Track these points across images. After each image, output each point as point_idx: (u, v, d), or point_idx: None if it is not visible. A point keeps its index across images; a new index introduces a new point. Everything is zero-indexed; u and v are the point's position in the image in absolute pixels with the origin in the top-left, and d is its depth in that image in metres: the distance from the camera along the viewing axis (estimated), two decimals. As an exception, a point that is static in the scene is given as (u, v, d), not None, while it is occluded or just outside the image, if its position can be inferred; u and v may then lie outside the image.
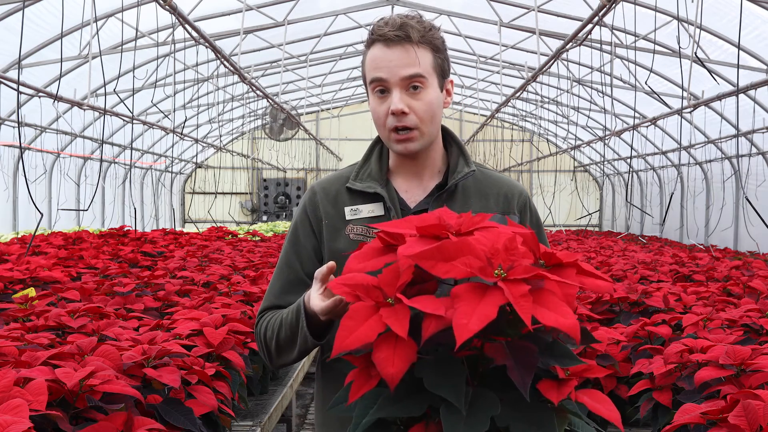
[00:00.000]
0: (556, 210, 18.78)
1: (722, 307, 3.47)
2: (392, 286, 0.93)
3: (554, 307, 0.87)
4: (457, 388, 0.89)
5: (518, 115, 17.55)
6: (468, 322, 0.84)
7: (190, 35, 7.36)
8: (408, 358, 0.89)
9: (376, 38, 1.50)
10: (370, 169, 1.60)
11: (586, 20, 6.99)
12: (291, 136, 15.35)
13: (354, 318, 0.92)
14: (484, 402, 0.90)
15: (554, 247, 1.31)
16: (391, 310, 0.91)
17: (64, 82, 7.74)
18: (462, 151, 1.61)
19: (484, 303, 0.86)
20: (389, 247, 1.01)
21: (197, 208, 19.14)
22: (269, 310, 1.60)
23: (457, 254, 0.90)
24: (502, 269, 0.89)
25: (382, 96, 1.51)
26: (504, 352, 0.90)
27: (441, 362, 0.92)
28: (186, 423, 1.98)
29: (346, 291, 0.96)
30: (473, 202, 1.56)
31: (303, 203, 1.63)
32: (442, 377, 0.90)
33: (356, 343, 0.90)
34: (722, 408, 1.77)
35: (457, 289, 0.88)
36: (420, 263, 0.90)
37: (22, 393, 1.60)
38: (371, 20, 12.05)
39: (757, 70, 8.25)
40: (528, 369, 0.88)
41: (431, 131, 1.54)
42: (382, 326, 0.90)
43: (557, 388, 0.93)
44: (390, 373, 0.88)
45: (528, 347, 0.90)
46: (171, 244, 7.40)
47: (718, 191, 12.44)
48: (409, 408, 0.92)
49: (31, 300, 3.15)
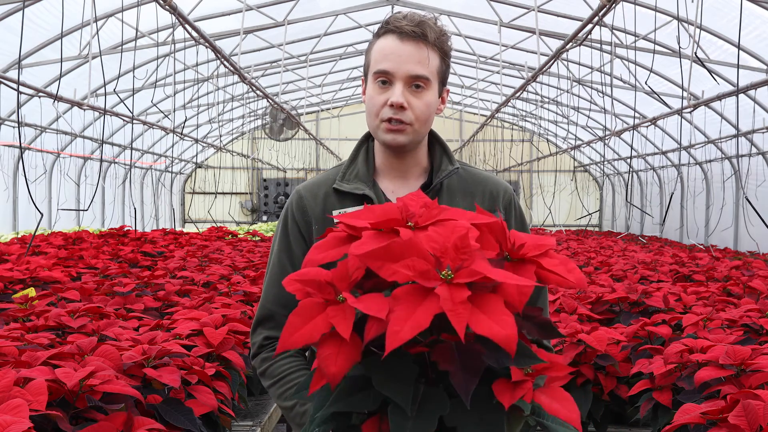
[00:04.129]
0: (556, 210, 18.77)
1: (722, 307, 3.47)
2: (344, 282, 0.90)
3: (494, 314, 0.83)
4: (405, 388, 0.87)
5: (518, 115, 17.55)
6: (400, 329, 0.81)
7: (190, 35, 7.36)
8: (352, 358, 0.87)
9: (392, 29, 1.49)
10: (357, 169, 1.58)
11: (586, 20, 6.99)
12: (291, 136, 15.35)
13: (301, 315, 0.90)
14: (434, 402, 0.89)
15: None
16: (337, 308, 0.88)
17: (64, 82, 7.73)
18: (445, 149, 1.62)
19: (421, 311, 0.82)
20: (351, 237, 0.97)
21: (197, 208, 19.14)
22: (267, 321, 1.57)
23: (405, 255, 0.86)
24: (450, 270, 0.85)
25: (383, 86, 1.51)
26: (450, 355, 0.87)
27: (392, 360, 0.88)
28: (186, 423, 1.98)
29: (298, 288, 0.93)
30: (458, 201, 1.56)
31: (289, 208, 1.60)
32: (391, 376, 0.88)
33: (301, 341, 0.89)
34: (722, 408, 1.77)
35: (398, 292, 0.84)
36: (368, 263, 0.87)
37: (22, 393, 1.60)
38: (371, 20, 12.08)
39: (757, 70, 8.25)
40: (473, 374, 0.85)
41: (422, 132, 1.54)
42: (327, 325, 0.88)
43: (511, 391, 0.90)
44: (332, 372, 0.87)
45: (476, 350, 0.87)
46: (171, 244, 7.40)
47: (718, 191, 12.44)
48: (363, 403, 0.91)
49: (31, 300, 3.15)
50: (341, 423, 0.95)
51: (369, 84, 1.53)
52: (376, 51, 1.51)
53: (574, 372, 2.70)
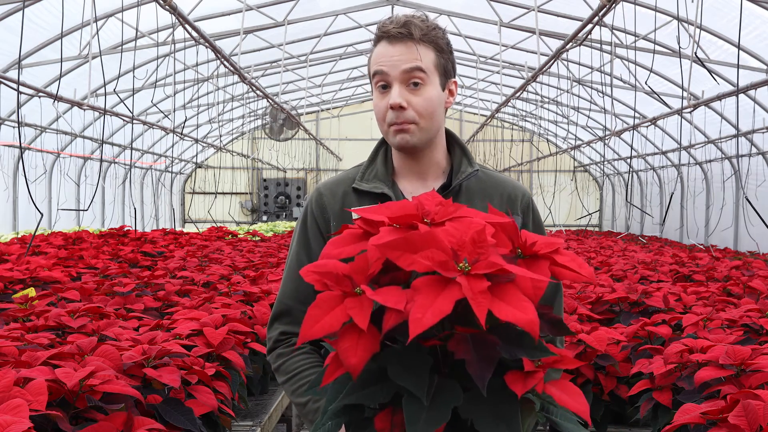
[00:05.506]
0: (556, 210, 18.78)
1: (722, 307, 3.47)
2: (362, 275, 0.92)
3: (514, 301, 0.86)
4: (420, 379, 0.89)
5: (518, 115, 17.55)
6: (422, 316, 0.84)
7: (190, 35, 7.36)
8: (370, 348, 0.89)
9: (381, 35, 1.53)
10: (376, 170, 1.61)
11: (586, 20, 6.99)
12: (291, 136, 15.35)
13: (320, 307, 0.92)
14: (448, 393, 0.90)
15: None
16: (355, 300, 0.90)
17: (64, 82, 7.74)
18: (465, 151, 1.63)
19: (442, 298, 0.85)
20: (367, 234, 0.99)
21: (197, 208, 19.14)
22: (284, 316, 1.59)
23: (424, 246, 0.89)
24: (467, 263, 0.88)
25: (383, 91, 1.53)
26: (465, 345, 0.89)
27: (407, 352, 0.91)
28: (186, 423, 1.98)
29: (315, 279, 0.95)
30: (477, 203, 1.57)
31: (309, 205, 1.62)
32: (407, 367, 0.90)
33: (321, 332, 0.91)
34: (722, 408, 1.77)
35: (418, 282, 0.87)
36: (386, 254, 0.89)
37: (22, 393, 1.60)
38: (371, 20, 12.08)
39: (757, 70, 8.25)
40: (488, 363, 0.87)
41: (430, 127, 1.55)
42: (346, 316, 0.90)
43: (523, 380, 0.92)
44: (352, 364, 0.89)
45: (490, 341, 0.89)
46: (171, 244, 7.40)
47: (718, 191, 12.45)
48: (376, 395, 0.93)
49: (31, 300, 3.15)
50: (354, 416, 0.97)
51: (373, 91, 1.57)
52: (373, 59, 1.55)
53: (575, 372, 2.70)
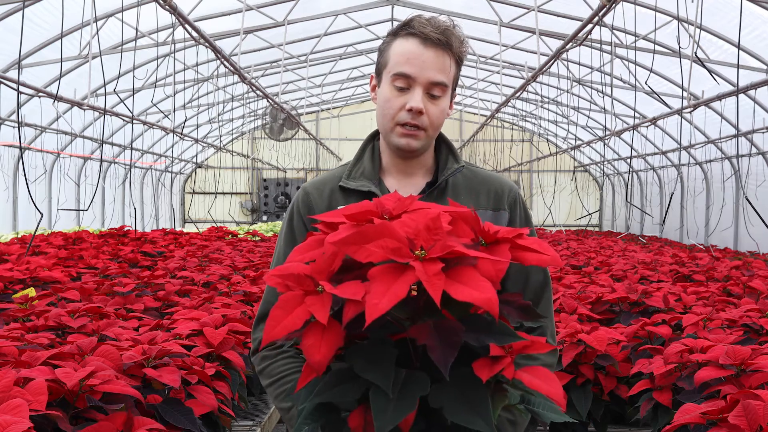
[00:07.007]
0: (556, 210, 18.77)
1: (722, 307, 3.47)
2: (323, 274, 0.93)
3: (472, 283, 0.86)
4: (386, 371, 0.90)
5: (518, 115, 17.55)
6: (379, 302, 0.84)
7: (190, 35, 7.36)
8: (334, 344, 0.90)
9: (416, 33, 1.48)
10: (363, 167, 1.59)
11: (586, 20, 6.99)
12: (291, 136, 15.35)
13: (283, 308, 0.93)
14: (414, 384, 0.91)
15: (554, 248, 1.30)
16: (315, 297, 0.91)
17: (64, 82, 7.74)
18: (451, 148, 1.63)
19: (398, 283, 0.86)
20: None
21: (197, 208, 19.14)
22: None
23: (378, 237, 0.90)
24: (423, 249, 0.89)
25: (401, 90, 1.50)
26: (428, 331, 0.89)
27: (373, 346, 0.92)
28: (186, 423, 1.98)
29: (278, 282, 0.96)
30: (463, 199, 1.57)
31: (295, 204, 1.61)
32: (371, 361, 0.91)
33: (284, 331, 0.91)
34: (722, 408, 1.77)
35: (373, 271, 0.88)
36: (343, 249, 0.91)
37: (22, 393, 1.60)
38: (371, 20, 12.09)
39: (757, 70, 8.25)
40: (451, 348, 0.87)
41: (434, 136, 1.56)
42: (308, 314, 0.91)
43: (489, 366, 0.92)
44: (316, 360, 0.90)
45: (453, 326, 0.89)
46: (171, 244, 7.40)
47: (718, 191, 12.44)
48: (345, 393, 0.93)
49: (31, 300, 3.15)
50: (330, 418, 0.98)
51: (385, 84, 1.52)
52: (397, 53, 1.49)
53: (575, 371, 2.71)
